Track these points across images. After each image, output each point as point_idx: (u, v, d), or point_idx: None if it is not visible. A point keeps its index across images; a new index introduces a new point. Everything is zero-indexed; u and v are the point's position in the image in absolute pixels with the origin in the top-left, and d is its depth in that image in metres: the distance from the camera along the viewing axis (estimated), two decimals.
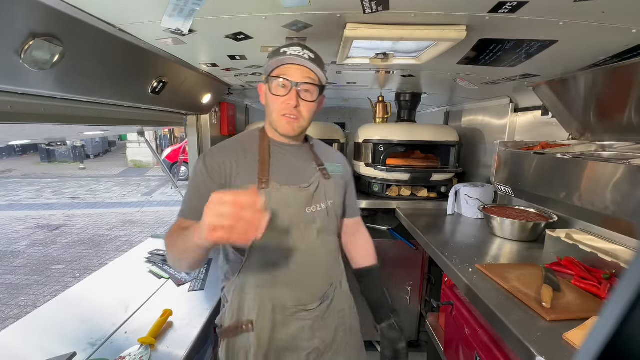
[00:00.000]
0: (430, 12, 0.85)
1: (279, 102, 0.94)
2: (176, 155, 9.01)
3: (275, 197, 0.94)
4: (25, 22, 0.66)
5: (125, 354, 0.96)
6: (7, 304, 3.44)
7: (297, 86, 0.92)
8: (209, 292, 1.34)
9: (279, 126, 0.97)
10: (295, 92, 0.92)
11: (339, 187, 1.09)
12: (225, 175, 0.95)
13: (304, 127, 0.99)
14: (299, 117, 0.95)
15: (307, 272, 1.00)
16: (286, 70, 0.92)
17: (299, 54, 0.91)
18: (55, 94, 0.87)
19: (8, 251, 4.75)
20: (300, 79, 0.92)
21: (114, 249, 4.85)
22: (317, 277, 1.03)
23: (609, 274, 1.13)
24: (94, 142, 14.32)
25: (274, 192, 0.95)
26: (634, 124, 1.18)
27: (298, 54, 0.91)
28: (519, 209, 1.78)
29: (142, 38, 0.99)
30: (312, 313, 1.01)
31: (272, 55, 0.95)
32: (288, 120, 0.95)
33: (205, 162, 0.96)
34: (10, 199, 7.71)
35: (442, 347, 1.50)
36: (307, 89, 0.93)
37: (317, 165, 1.06)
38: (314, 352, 1.01)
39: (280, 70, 0.92)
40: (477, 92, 1.93)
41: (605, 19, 0.82)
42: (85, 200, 7.77)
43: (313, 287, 1.02)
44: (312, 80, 0.93)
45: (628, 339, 0.21)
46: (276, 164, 0.99)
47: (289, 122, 0.96)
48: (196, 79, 1.50)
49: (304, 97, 0.93)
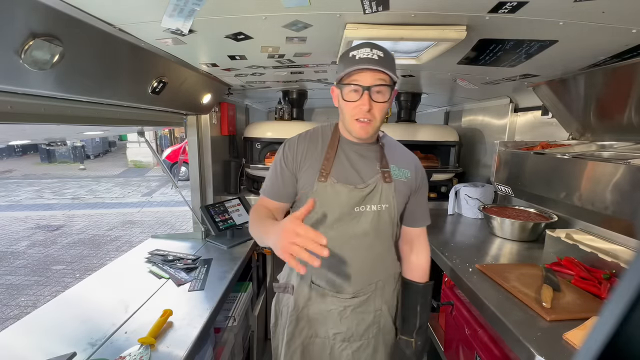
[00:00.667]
0: (430, 12, 0.85)
1: (351, 107, 0.96)
2: (176, 155, 9.01)
3: (329, 191, 1.02)
4: (25, 22, 0.66)
5: (125, 354, 0.96)
6: (7, 305, 3.43)
7: (369, 90, 0.92)
8: (209, 292, 1.34)
9: (353, 130, 1.00)
10: (367, 96, 0.92)
11: (399, 193, 1.07)
12: (296, 164, 1.06)
13: (376, 128, 1.00)
14: (372, 119, 0.96)
15: (343, 266, 1.05)
16: (357, 75, 0.92)
17: (368, 56, 0.90)
18: (55, 94, 0.87)
19: (8, 252, 4.75)
20: (372, 82, 0.91)
21: (114, 249, 4.85)
22: (354, 272, 1.07)
23: (609, 274, 1.13)
24: (94, 143, 14.32)
25: (329, 187, 1.02)
26: (634, 124, 1.18)
27: (367, 56, 0.90)
28: (519, 209, 1.78)
29: (142, 38, 0.99)
30: (342, 302, 1.08)
31: (342, 60, 0.97)
32: (361, 125, 0.97)
33: (284, 151, 1.08)
34: (10, 200, 7.71)
35: (442, 347, 1.50)
36: (378, 90, 0.93)
37: (381, 167, 1.06)
38: (340, 335, 1.10)
39: (351, 76, 0.93)
40: (477, 92, 1.93)
41: (605, 19, 0.82)
42: (86, 200, 7.77)
43: (348, 280, 1.07)
44: (383, 82, 0.92)
45: (628, 339, 0.21)
46: (339, 161, 1.05)
47: (362, 126, 0.97)
48: (196, 79, 1.50)
49: (375, 98, 0.93)
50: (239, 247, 1.81)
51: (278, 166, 1.08)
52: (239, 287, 1.83)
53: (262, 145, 2.19)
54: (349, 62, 0.92)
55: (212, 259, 1.66)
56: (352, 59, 0.91)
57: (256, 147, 2.19)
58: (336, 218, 1.04)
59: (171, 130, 13.85)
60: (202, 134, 1.96)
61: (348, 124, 1.00)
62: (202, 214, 1.83)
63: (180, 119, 1.80)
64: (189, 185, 2.00)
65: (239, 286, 1.83)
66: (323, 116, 3.08)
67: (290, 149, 1.08)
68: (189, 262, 1.59)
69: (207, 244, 1.86)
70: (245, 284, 1.86)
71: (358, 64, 0.90)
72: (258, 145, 2.19)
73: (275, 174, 1.09)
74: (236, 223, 1.89)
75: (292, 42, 1.09)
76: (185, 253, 1.71)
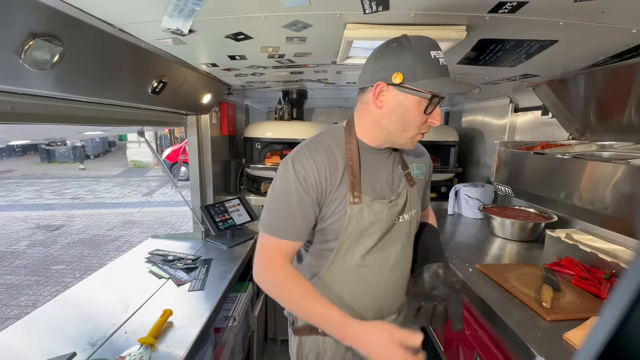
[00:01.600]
0: (430, 12, 0.85)
1: (422, 119, 0.81)
2: (176, 155, 9.01)
3: (365, 214, 0.86)
4: (25, 22, 0.66)
5: (125, 354, 0.96)
6: (7, 305, 3.43)
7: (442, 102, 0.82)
8: (209, 292, 1.34)
9: (405, 144, 0.87)
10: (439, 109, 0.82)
11: (420, 192, 1.01)
12: (321, 188, 0.84)
13: None
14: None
15: (388, 284, 0.94)
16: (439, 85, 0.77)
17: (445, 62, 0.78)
18: (55, 94, 0.87)
19: (8, 251, 4.75)
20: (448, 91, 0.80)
21: (114, 249, 4.84)
22: (397, 289, 0.97)
23: (609, 274, 1.13)
24: (94, 143, 14.32)
25: (365, 208, 0.86)
26: (634, 124, 1.18)
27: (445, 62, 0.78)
28: (519, 209, 1.78)
29: (142, 38, 0.99)
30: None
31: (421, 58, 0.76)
32: (422, 137, 0.86)
33: (298, 175, 0.83)
34: (10, 199, 7.71)
35: (442, 347, 1.50)
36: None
37: (403, 170, 0.96)
38: None
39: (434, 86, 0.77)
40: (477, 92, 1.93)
41: (605, 19, 0.82)
42: (85, 200, 7.77)
43: (393, 299, 0.97)
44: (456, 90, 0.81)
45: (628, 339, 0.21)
46: (366, 175, 0.88)
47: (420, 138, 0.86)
48: (196, 79, 1.50)
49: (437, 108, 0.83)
50: (239, 247, 1.81)
51: (294, 196, 0.83)
52: (239, 287, 1.83)
53: (262, 145, 2.19)
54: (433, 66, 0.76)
55: (212, 259, 1.66)
56: (435, 64, 0.77)
57: (256, 147, 2.19)
58: (375, 242, 0.88)
59: (171, 130, 13.85)
60: (202, 134, 1.96)
61: (405, 136, 0.85)
62: (202, 214, 1.83)
63: (180, 119, 1.80)
64: (189, 185, 2.00)
65: (239, 286, 1.83)
66: (323, 116, 3.08)
67: (307, 169, 0.83)
68: (189, 262, 1.59)
69: (207, 244, 1.86)
70: (245, 284, 1.86)
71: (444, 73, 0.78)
72: (258, 145, 2.19)
73: (290, 206, 0.84)
74: (236, 223, 1.89)
75: (292, 42, 1.09)
76: (185, 253, 1.71)
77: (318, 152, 0.86)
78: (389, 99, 0.81)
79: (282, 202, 0.85)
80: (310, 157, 0.85)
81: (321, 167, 0.84)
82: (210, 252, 1.74)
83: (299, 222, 0.85)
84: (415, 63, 0.76)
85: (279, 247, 0.86)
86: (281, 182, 0.86)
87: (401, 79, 0.76)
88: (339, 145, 0.89)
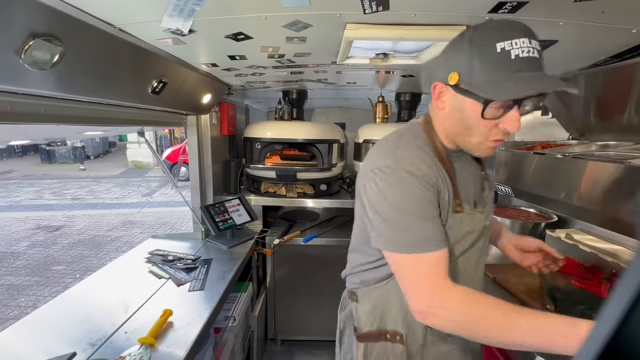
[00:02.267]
0: (430, 12, 0.85)
1: (491, 125, 0.68)
2: (176, 155, 9.01)
3: (465, 224, 0.77)
4: (25, 22, 0.66)
5: (125, 354, 0.96)
6: (8, 305, 3.43)
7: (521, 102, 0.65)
8: (209, 292, 1.34)
9: (478, 151, 0.74)
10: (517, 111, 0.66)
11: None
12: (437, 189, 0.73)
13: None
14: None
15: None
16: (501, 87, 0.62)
17: (530, 54, 0.61)
18: (55, 94, 0.87)
19: (8, 252, 4.75)
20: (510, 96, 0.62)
21: (114, 250, 4.84)
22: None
23: (609, 274, 1.13)
24: (94, 143, 14.32)
25: (465, 218, 0.77)
26: (634, 124, 1.18)
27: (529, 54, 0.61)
28: (519, 209, 1.78)
29: (142, 38, 0.99)
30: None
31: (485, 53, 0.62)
32: (495, 145, 0.72)
33: (412, 174, 0.70)
34: (10, 200, 7.71)
35: None
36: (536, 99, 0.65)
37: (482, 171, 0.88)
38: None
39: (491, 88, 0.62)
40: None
41: (605, 19, 0.82)
42: (86, 201, 7.77)
43: None
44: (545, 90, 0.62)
45: (628, 339, 0.21)
46: (459, 180, 0.79)
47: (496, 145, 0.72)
48: (196, 79, 1.50)
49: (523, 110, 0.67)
50: (239, 247, 1.82)
51: (422, 196, 0.70)
52: (239, 287, 1.83)
53: (262, 145, 2.19)
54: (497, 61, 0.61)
55: (212, 259, 1.66)
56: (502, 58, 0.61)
57: (256, 147, 2.19)
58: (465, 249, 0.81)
59: (171, 131, 13.85)
60: (202, 134, 1.96)
61: (470, 142, 0.73)
62: (202, 214, 1.83)
63: (180, 119, 1.80)
64: (189, 186, 2.01)
65: (239, 286, 1.83)
66: (323, 116, 3.08)
67: (420, 166, 0.71)
68: (189, 262, 1.59)
69: (207, 244, 1.86)
70: (245, 284, 1.86)
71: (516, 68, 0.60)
72: (258, 145, 2.19)
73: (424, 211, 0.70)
74: (236, 223, 1.88)
75: (292, 42, 1.09)
76: (185, 253, 1.71)
77: (416, 149, 0.74)
78: (449, 99, 0.72)
79: (411, 210, 0.70)
80: (412, 154, 0.73)
81: (430, 163, 0.73)
82: (210, 252, 1.74)
83: (439, 223, 0.72)
84: (471, 60, 0.64)
85: (441, 262, 0.69)
86: (395, 191, 0.71)
87: (456, 80, 0.67)
88: (426, 145, 0.77)
